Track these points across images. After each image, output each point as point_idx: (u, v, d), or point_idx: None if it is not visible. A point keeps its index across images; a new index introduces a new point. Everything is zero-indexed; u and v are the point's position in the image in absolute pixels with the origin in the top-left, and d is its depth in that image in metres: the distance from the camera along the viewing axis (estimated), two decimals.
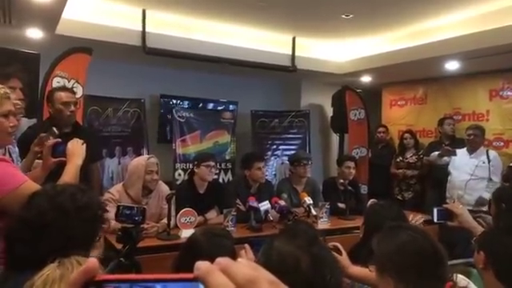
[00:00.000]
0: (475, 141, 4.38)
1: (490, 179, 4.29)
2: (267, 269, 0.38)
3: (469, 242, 1.92)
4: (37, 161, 2.06)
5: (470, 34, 4.13)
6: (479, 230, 1.83)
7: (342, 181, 4.03)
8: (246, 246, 1.78)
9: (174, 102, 5.53)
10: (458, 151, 4.46)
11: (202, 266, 0.37)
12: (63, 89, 3.15)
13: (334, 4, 4.01)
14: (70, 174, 1.85)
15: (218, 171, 5.24)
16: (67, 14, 3.67)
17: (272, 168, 6.02)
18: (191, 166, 3.98)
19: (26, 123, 3.14)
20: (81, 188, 1.34)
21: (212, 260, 0.37)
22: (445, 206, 2.13)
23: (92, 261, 0.37)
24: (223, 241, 1.60)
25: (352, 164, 4.15)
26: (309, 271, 0.98)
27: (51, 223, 1.20)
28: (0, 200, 1.53)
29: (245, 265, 0.38)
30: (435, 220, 2.10)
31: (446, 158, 4.58)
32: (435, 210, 2.10)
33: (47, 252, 1.06)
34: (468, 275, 1.53)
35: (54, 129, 2.11)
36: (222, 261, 0.37)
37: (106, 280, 0.36)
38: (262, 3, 4.00)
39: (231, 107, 5.96)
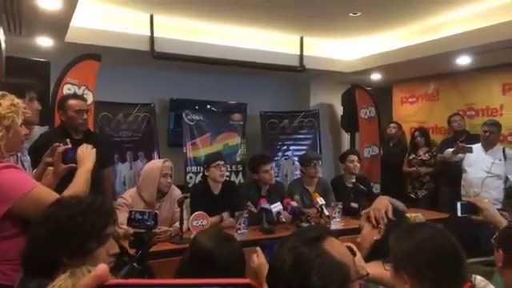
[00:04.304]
0: (491, 137, 4.25)
1: (506, 178, 4.19)
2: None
3: (478, 240, 1.86)
4: (49, 168, 2.06)
5: (481, 27, 4.06)
6: (505, 224, 1.76)
7: (353, 180, 4.00)
8: (258, 249, 1.76)
9: (184, 105, 5.54)
10: (473, 147, 4.34)
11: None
12: (75, 96, 3.16)
13: (341, 2, 3.97)
14: (81, 178, 1.85)
15: (228, 173, 5.23)
16: (76, 22, 3.71)
17: (283, 169, 5.99)
18: (202, 170, 3.98)
19: (37, 131, 3.17)
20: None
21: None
22: (468, 199, 2.07)
23: (102, 267, 0.37)
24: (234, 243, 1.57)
25: (355, 157, 4.11)
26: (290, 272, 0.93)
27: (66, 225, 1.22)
28: (13, 206, 1.54)
29: None
30: (459, 214, 2.01)
31: (460, 155, 4.46)
32: (458, 204, 2.02)
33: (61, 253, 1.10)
34: (490, 276, 1.48)
35: (68, 141, 2.10)
36: None
37: (116, 285, 0.36)
38: (268, 4, 3.99)
39: (240, 109, 5.95)
